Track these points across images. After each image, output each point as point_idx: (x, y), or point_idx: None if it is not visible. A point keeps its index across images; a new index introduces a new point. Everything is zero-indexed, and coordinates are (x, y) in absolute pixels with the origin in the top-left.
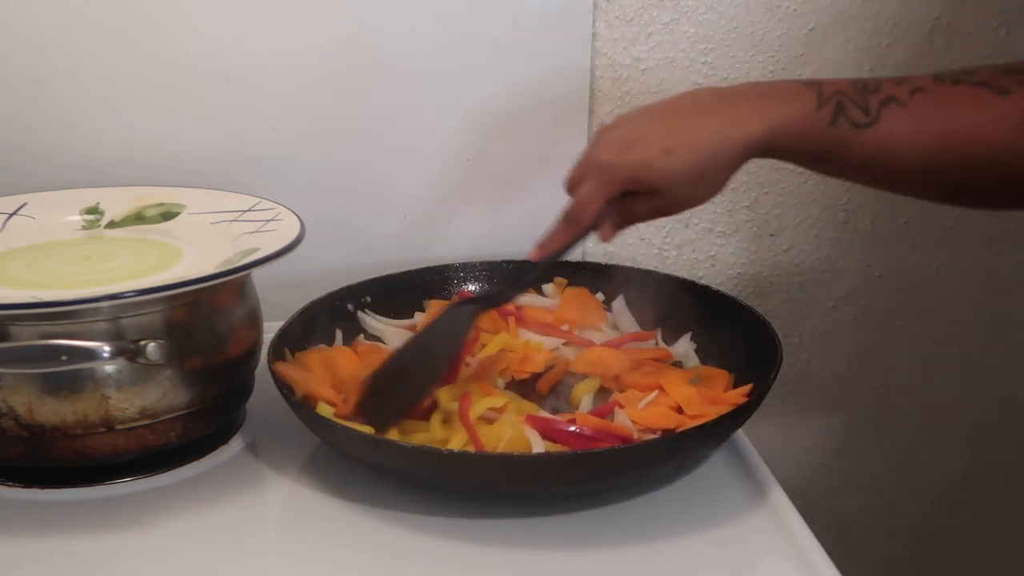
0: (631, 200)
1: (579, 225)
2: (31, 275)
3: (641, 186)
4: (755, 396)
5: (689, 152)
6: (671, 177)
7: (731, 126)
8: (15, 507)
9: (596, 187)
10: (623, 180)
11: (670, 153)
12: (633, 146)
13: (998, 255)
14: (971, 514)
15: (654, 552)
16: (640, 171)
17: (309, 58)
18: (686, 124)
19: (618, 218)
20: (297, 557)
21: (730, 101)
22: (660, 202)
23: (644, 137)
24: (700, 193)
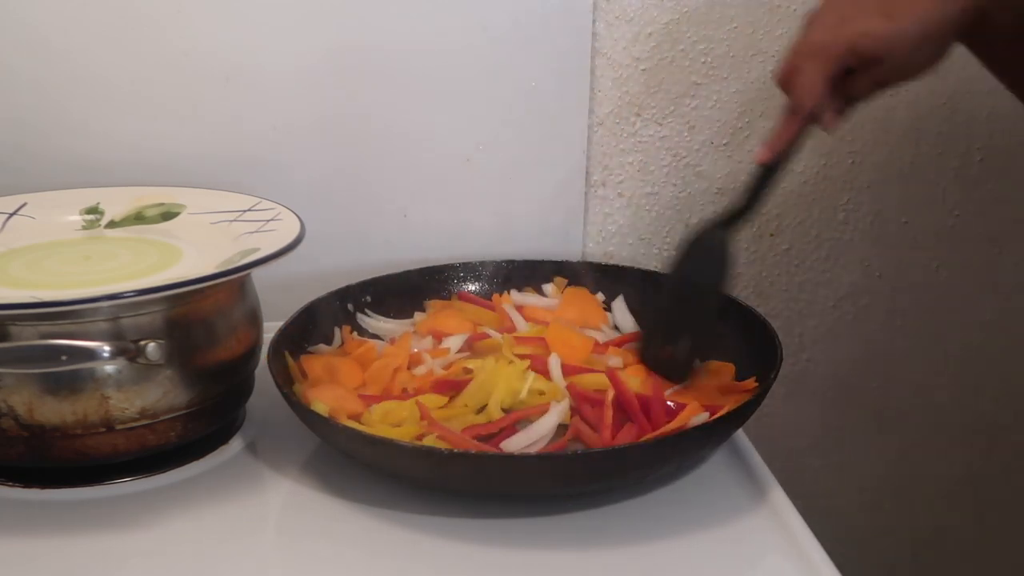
0: (850, 79)
1: (804, 113)
2: (31, 275)
3: (861, 57)
4: (755, 396)
5: (911, 14)
6: (894, 42)
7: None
8: (15, 507)
9: (815, 68)
10: (842, 54)
11: (891, 17)
12: (849, 19)
13: (998, 255)
14: (971, 514)
15: (654, 552)
16: (860, 40)
17: (309, 58)
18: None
19: (839, 101)
20: (297, 557)
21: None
22: (881, 74)
23: (858, 9)
24: (921, 61)
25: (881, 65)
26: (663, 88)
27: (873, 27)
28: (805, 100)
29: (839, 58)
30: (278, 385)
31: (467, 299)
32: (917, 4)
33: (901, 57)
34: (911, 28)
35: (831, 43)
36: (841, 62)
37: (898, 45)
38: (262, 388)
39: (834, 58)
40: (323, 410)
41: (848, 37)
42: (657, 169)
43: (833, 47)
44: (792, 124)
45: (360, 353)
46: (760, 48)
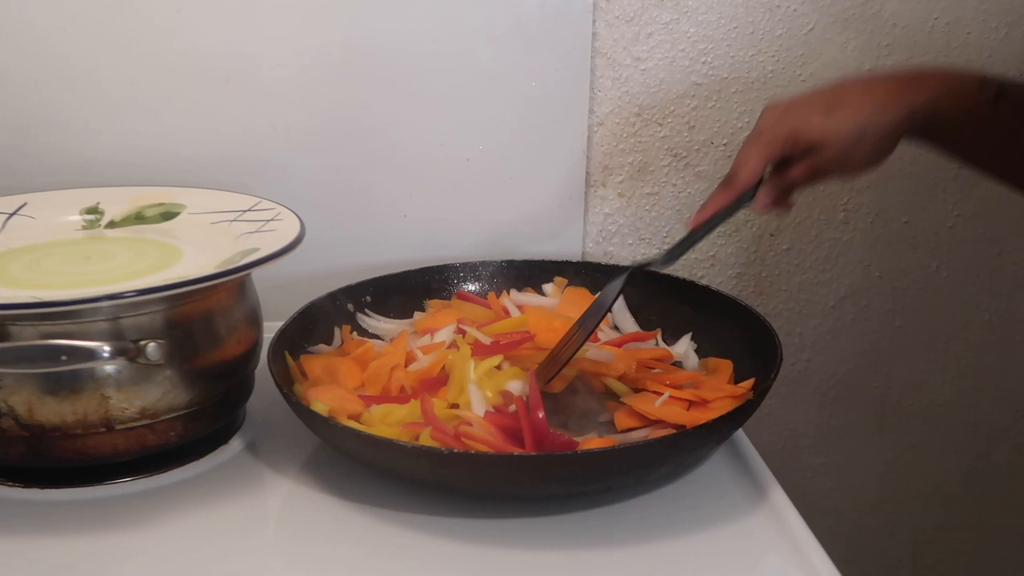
0: (789, 167)
1: (736, 188)
2: (31, 275)
3: (799, 145)
4: (755, 396)
5: (851, 111)
6: (828, 133)
7: (897, 92)
8: (15, 507)
9: (754, 149)
10: (782, 140)
11: (830, 113)
12: (793, 111)
13: (998, 255)
14: (971, 514)
15: (654, 552)
16: (800, 128)
17: (309, 58)
18: (850, 91)
19: (775, 184)
20: (297, 557)
21: (894, 76)
22: (817, 162)
23: (805, 103)
24: (859, 155)
25: (818, 155)
26: (663, 88)
27: (814, 119)
28: (741, 176)
29: (778, 143)
30: (278, 385)
31: (466, 298)
32: (858, 104)
33: (836, 149)
34: (847, 123)
35: (774, 129)
36: (780, 148)
37: (834, 137)
38: (262, 388)
39: (772, 141)
40: (323, 410)
41: (791, 124)
42: (657, 169)
43: (775, 132)
44: (726, 195)
45: (359, 353)
46: (760, 48)
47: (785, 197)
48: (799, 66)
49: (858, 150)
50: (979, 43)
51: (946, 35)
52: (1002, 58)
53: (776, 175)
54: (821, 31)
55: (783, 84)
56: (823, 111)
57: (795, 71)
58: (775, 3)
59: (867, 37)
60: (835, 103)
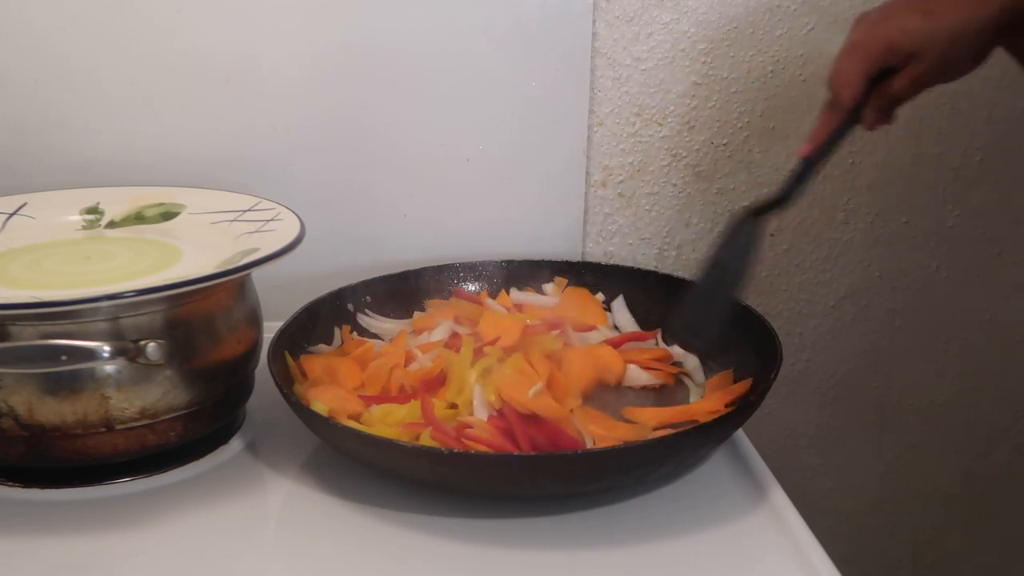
0: (890, 79)
1: (840, 109)
2: (31, 275)
3: (897, 54)
4: (755, 396)
5: (947, 13)
6: (928, 37)
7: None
8: (15, 507)
9: (852, 63)
10: (878, 51)
11: (928, 15)
12: (888, 18)
13: (998, 255)
14: (971, 514)
15: (654, 552)
16: (895, 35)
17: (309, 58)
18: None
19: (880, 100)
20: (297, 557)
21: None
22: (919, 70)
23: (900, 8)
24: (958, 60)
25: (919, 62)
26: (663, 88)
27: (910, 24)
28: (844, 95)
29: (877, 54)
30: (278, 385)
31: (464, 296)
32: (955, 4)
33: (938, 54)
34: (947, 25)
35: (870, 40)
36: (879, 58)
37: (934, 42)
38: (262, 388)
39: (872, 54)
40: (323, 410)
41: (886, 34)
42: (657, 169)
43: (872, 43)
44: (832, 119)
45: (359, 353)
46: (760, 48)
47: (891, 111)
48: (799, 66)
49: (959, 53)
50: None
51: None
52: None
53: (879, 89)
54: (821, 31)
55: (783, 84)
56: (919, 16)
57: (795, 71)
58: (775, 3)
59: None
60: (930, 5)
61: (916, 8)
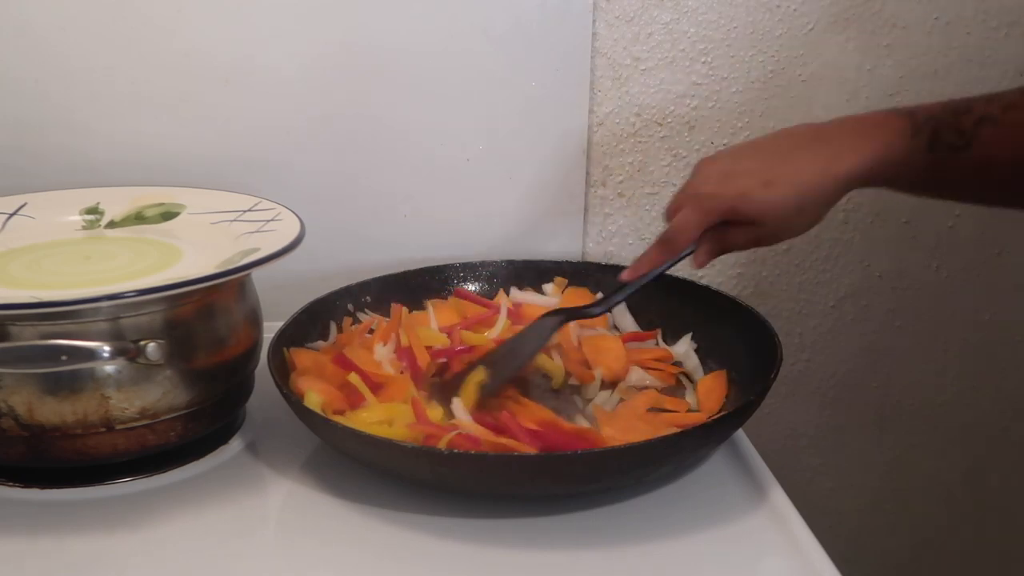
0: (727, 229)
1: (674, 250)
2: (31, 275)
3: (740, 217)
4: (755, 396)
5: (789, 186)
6: (770, 209)
7: (831, 162)
8: (15, 507)
9: (694, 215)
10: (722, 210)
11: (769, 186)
12: (733, 178)
13: (998, 255)
14: (971, 514)
15: (654, 552)
16: (739, 202)
17: (309, 58)
18: (786, 159)
19: (713, 245)
20: (297, 557)
21: (828, 137)
22: (757, 233)
23: (744, 170)
24: (797, 226)
25: (759, 227)
26: (663, 88)
27: (752, 191)
28: (679, 240)
29: (716, 212)
30: (278, 385)
31: (464, 296)
32: (799, 176)
33: (776, 223)
34: (789, 198)
35: (712, 196)
36: (718, 215)
37: (773, 212)
38: (262, 388)
39: (712, 211)
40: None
41: (728, 196)
42: (657, 169)
43: (713, 201)
44: (661, 256)
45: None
46: (760, 48)
47: (721, 254)
48: (799, 66)
49: (795, 222)
50: (979, 43)
51: (946, 35)
52: (1002, 58)
53: (715, 236)
54: (821, 31)
55: (783, 84)
56: (763, 182)
57: (795, 71)
58: (775, 3)
59: (867, 37)
60: (774, 172)
61: (758, 175)
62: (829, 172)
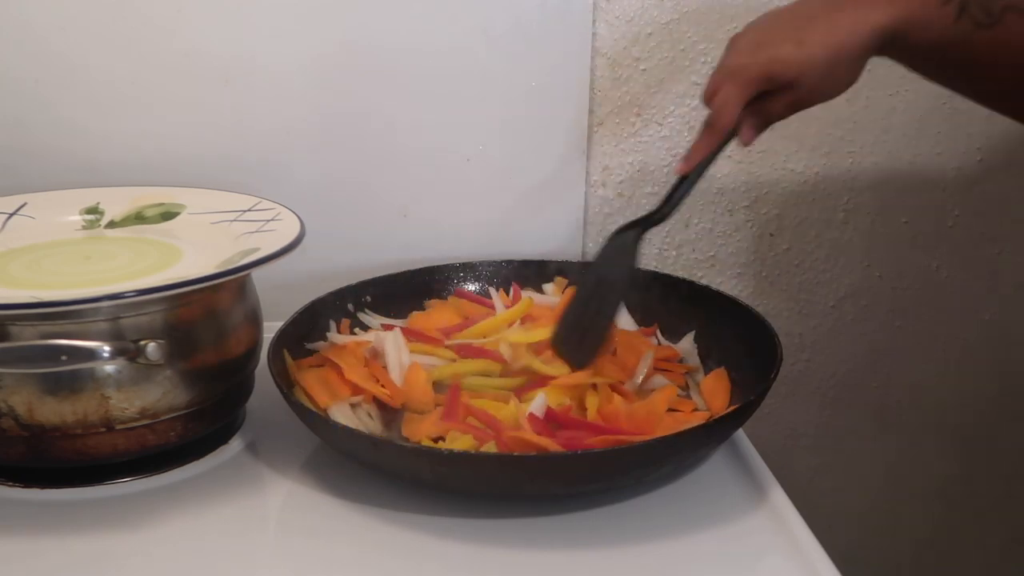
0: (767, 100)
1: (719, 130)
2: (31, 275)
3: (776, 82)
4: (755, 396)
5: (821, 41)
6: (805, 67)
7: (862, 14)
8: (15, 507)
9: (732, 89)
10: (758, 78)
11: (802, 44)
12: (764, 44)
13: (998, 255)
14: (971, 514)
15: (654, 552)
16: (774, 65)
17: (309, 58)
18: (815, 19)
19: (756, 119)
20: (297, 557)
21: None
22: (795, 96)
23: (774, 35)
24: (833, 84)
25: (796, 89)
26: (663, 88)
27: (785, 53)
28: (723, 118)
29: (754, 81)
30: (278, 385)
31: (464, 296)
32: (828, 32)
33: (814, 81)
34: (821, 54)
35: (747, 67)
36: (756, 85)
37: (808, 71)
38: (262, 388)
39: (750, 81)
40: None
41: (762, 62)
42: (657, 169)
43: (749, 71)
44: (710, 139)
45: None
46: None
47: (765, 128)
48: None
49: (832, 79)
50: None
51: None
52: None
53: (756, 109)
54: None
55: None
56: (793, 45)
57: None
58: (775, 3)
59: None
60: (804, 32)
61: (789, 37)
62: (859, 24)
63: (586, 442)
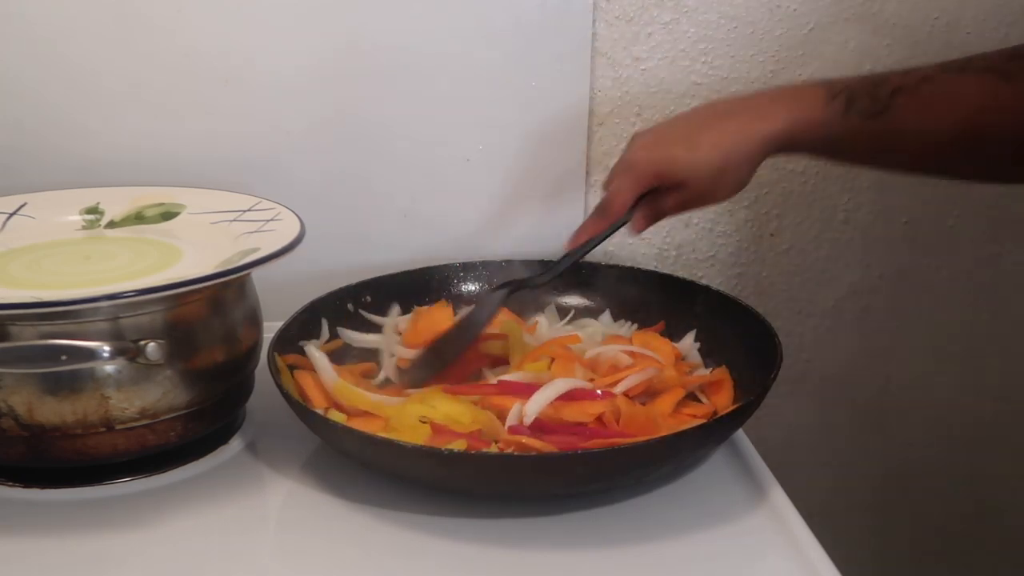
0: (660, 196)
1: (610, 216)
2: (31, 275)
3: (666, 180)
4: (755, 396)
5: (711, 147)
6: (694, 170)
7: (751, 123)
8: (15, 507)
9: (626, 181)
10: (650, 175)
11: (693, 149)
12: (660, 144)
13: (998, 255)
14: (971, 514)
15: (654, 552)
16: (665, 165)
17: (309, 58)
18: (709, 124)
19: (649, 211)
20: (297, 557)
21: (748, 105)
22: (685, 196)
23: (670, 136)
24: (722, 187)
25: (685, 189)
26: (663, 88)
27: (676, 154)
28: (614, 206)
29: (646, 176)
30: (278, 385)
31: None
32: (717, 138)
33: (700, 183)
34: (710, 158)
35: (641, 162)
36: (648, 180)
37: (696, 173)
38: (262, 388)
39: (642, 176)
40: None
41: (655, 160)
42: None
43: (642, 166)
44: (599, 223)
45: None
46: (760, 48)
47: (656, 221)
48: (799, 66)
49: (720, 183)
50: (979, 43)
51: (946, 35)
52: None
53: (649, 202)
54: (821, 31)
55: (783, 84)
56: (686, 146)
57: (795, 71)
58: (775, 3)
59: (867, 37)
60: (696, 136)
61: (682, 140)
62: (750, 133)
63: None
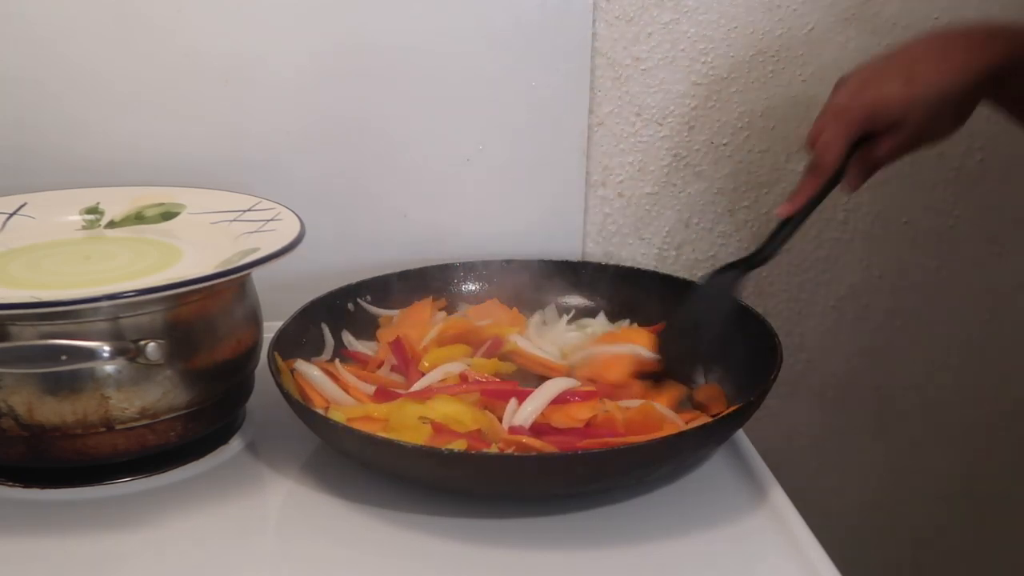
0: (873, 144)
1: (823, 171)
2: (31, 275)
3: (880, 122)
4: (755, 396)
5: (929, 80)
6: (911, 108)
7: (971, 56)
8: (15, 507)
9: (835, 130)
10: (861, 119)
11: (909, 83)
12: (870, 84)
13: (998, 255)
14: (971, 514)
15: (654, 552)
16: (878, 105)
17: (309, 58)
18: (925, 57)
19: (861, 163)
20: (297, 557)
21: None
22: (900, 138)
23: (881, 74)
24: (940, 125)
25: (901, 130)
26: (663, 88)
27: (892, 92)
28: (826, 159)
29: (859, 121)
30: (278, 385)
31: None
32: (936, 71)
33: (918, 121)
34: (928, 93)
35: (852, 106)
36: (861, 125)
37: (915, 110)
38: (262, 388)
39: (854, 121)
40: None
41: (866, 102)
42: (657, 169)
43: (853, 110)
44: (814, 181)
45: None
46: (760, 48)
47: (871, 173)
48: (799, 66)
49: (941, 119)
50: None
51: None
52: None
53: (861, 153)
54: (821, 31)
55: (783, 84)
56: (900, 83)
57: (795, 71)
58: (775, 3)
59: (867, 37)
60: (911, 72)
61: (897, 75)
62: (969, 66)
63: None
